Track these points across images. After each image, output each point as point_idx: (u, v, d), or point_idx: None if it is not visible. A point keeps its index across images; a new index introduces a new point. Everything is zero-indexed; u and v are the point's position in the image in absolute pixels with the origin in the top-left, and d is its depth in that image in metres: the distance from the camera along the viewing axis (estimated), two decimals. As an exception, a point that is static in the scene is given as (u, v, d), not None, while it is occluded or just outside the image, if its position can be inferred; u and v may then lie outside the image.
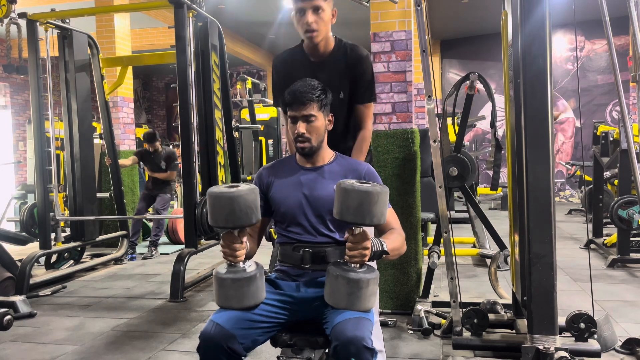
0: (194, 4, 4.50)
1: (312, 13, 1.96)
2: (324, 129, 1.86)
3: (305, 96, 1.80)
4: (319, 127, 1.83)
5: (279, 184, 1.90)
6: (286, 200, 1.86)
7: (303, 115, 1.80)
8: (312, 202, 1.83)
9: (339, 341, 1.52)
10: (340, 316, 1.58)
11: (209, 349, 1.62)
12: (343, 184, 1.54)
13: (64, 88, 5.13)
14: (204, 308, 3.79)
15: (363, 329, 1.54)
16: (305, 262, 1.82)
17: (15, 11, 4.30)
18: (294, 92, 1.81)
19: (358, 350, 1.49)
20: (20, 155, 10.23)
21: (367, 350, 1.50)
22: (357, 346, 1.49)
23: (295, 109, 1.81)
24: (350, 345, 1.49)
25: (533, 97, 2.11)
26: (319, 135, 1.84)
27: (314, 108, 1.81)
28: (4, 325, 2.76)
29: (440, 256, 3.38)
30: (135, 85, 13.43)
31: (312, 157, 1.89)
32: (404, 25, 3.51)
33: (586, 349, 2.20)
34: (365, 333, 1.53)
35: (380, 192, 1.52)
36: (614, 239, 5.03)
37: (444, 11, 9.38)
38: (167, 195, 6.07)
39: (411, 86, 3.55)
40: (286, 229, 1.89)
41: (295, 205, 1.85)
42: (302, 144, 1.83)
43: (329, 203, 1.71)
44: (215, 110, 4.92)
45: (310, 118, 1.81)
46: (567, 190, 10.92)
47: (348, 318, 1.56)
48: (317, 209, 1.83)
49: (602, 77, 10.58)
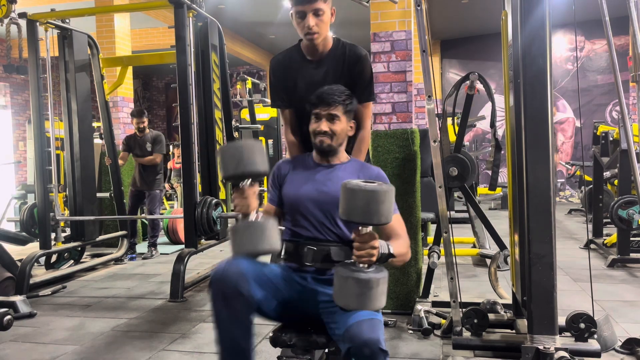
0: (194, 4, 4.50)
1: (313, 16, 1.96)
2: (345, 133, 1.92)
3: (332, 98, 1.86)
4: (341, 130, 1.89)
5: (294, 176, 1.95)
6: (298, 192, 1.90)
7: (328, 114, 1.86)
8: (323, 197, 1.87)
9: (353, 343, 1.52)
10: (353, 317, 1.58)
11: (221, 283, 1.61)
12: (349, 184, 1.54)
13: (64, 88, 5.13)
14: (204, 308, 3.79)
15: (377, 331, 1.55)
16: (308, 259, 1.83)
17: (15, 11, 4.30)
18: (322, 94, 1.87)
19: (373, 353, 1.50)
20: (20, 155, 10.23)
21: (381, 353, 1.51)
22: (372, 349, 1.50)
23: (321, 109, 1.87)
24: (365, 347, 1.50)
25: (533, 97, 2.11)
26: (339, 136, 1.89)
27: (339, 110, 1.87)
28: (4, 325, 2.76)
29: (440, 256, 3.38)
30: (135, 85, 13.43)
31: (328, 156, 1.94)
32: (404, 25, 3.51)
33: (586, 349, 2.20)
34: (380, 335, 1.55)
35: (387, 191, 1.52)
36: (614, 239, 5.03)
37: (444, 11, 9.38)
38: (155, 192, 5.82)
39: (411, 86, 3.55)
40: (293, 223, 1.91)
41: (306, 198, 1.88)
42: (323, 137, 1.87)
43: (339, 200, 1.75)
44: (215, 110, 4.92)
45: (334, 119, 1.86)
46: (567, 190, 10.92)
47: (362, 320, 1.57)
48: (326, 204, 1.86)
49: (602, 77, 10.58)
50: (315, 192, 1.88)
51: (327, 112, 1.86)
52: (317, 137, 1.89)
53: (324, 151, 1.91)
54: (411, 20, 3.53)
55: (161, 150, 5.81)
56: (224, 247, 5.82)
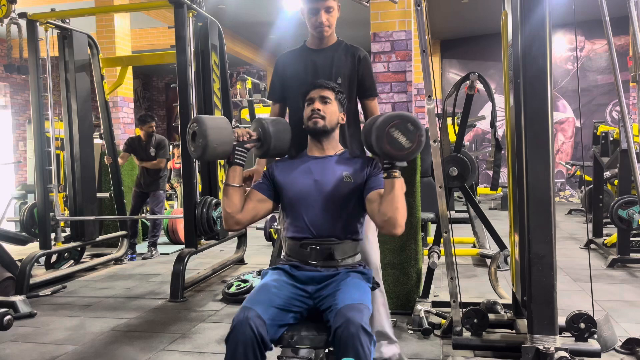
0: (194, 4, 4.50)
1: (325, 13, 2.21)
2: (337, 117, 2.00)
3: (325, 83, 2.00)
4: (333, 111, 1.97)
5: (289, 169, 2.00)
6: (295, 184, 1.94)
7: (320, 95, 1.97)
8: (321, 186, 1.91)
9: (339, 323, 1.58)
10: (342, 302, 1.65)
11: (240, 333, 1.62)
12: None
13: (64, 88, 5.13)
14: (204, 308, 3.79)
15: (363, 311, 1.62)
16: (312, 258, 1.87)
17: (15, 11, 4.30)
18: (315, 82, 2.02)
19: (357, 330, 1.55)
20: (20, 155, 10.23)
21: (365, 332, 1.56)
22: (356, 326, 1.55)
23: (314, 92, 1.99)
24: (350, 325, 1.56)
25: (533, 97, 2.11)
26: (331, 119, 1.97)
27: (330, 94, 1.98)
28: (4, 325, 2.76)
29: (440, 256, 3.38)
30: (135, 85, 13.43)
31: (322, 141, 1.99)
32: (404, 25, 3.52)
33: (586, 349, 2.20)
34: (365, 317, 1.61)
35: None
36: (614, 239, 5.03)
37: (444, 11, 9.38)
38: (159, 192, 5.86)
39: (411, 86, 3.55)
40: (294, 217, 1.94)
41: (304, 189, 1.93)
42: (316, 119, 1.95)
43: (337, 187, 1.88)
44: (215, 110, 4.92)
45: (326, 100, 1.97)
46: (567, 190, 10.92)
47: (350, 303, 1.63)
48: (325, 193, 1.91)
49: (602, 77, 10.58)
50: (314, 183, 1.93)
51: (319, 95, 1.97)
52: (310, 119, 1.96)
53: (318, 132, 1.97)
54: (411, 20, 3.53)
55: (164, 155, 5.86)
56: (224, 247, 5.83)
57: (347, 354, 1.54)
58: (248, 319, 1.61)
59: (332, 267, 1.88)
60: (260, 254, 5.70)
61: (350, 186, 1.91)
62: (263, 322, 1.63)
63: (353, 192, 1.91)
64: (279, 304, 1.72)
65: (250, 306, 1.66)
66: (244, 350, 1.60)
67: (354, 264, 1.93)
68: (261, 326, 1.62)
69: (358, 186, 1.91)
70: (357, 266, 1.93)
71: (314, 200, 1.90)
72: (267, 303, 1.70)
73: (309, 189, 1.92)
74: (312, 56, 2.31)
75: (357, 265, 1.93)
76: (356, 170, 1.94)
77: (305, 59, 2.32)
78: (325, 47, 2.31)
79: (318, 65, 2.29)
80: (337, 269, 1.88)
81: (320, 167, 1.96)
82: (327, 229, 1.89)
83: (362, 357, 1.54)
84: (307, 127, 1.98)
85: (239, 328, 1.61)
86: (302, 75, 2.30)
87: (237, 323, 1.63)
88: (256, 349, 1.61)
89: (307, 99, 2.00)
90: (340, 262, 1.89)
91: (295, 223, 1.93)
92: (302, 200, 1.92)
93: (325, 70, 2.28)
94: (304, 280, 1.85)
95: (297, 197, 1.93)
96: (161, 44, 9.56)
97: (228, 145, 1.83)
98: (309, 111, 1.97)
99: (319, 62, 2.29)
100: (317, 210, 1.90)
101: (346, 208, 1.91)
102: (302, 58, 2.34)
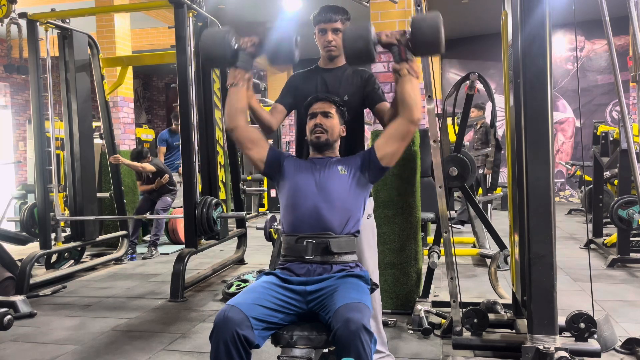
0: (194, 4, 4.50)
1: (332, 33, 2.37)
2: (338, 130, 2.11)
3: (327, 97, 2.14)
4: (334, 125, 2.08)
5: (295, 164, 2.07)
6: (296, 176, 2.02)
7: (322, 111, 2.08)
8: (319, 182, 1.97)
9: (339, 322, 1.58)
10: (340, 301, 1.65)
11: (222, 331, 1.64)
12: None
13: (64, 88, 5.13)
14: (204, 308, 3.79)
15: (363, 311, 1.62)
16: (308, 253, 1.88)
17: (15, 11, 4.30)
18: (317, 96, 2.15)
19: (357, 329, 1.56)
20: (20, 155, 10.23)
21: (365, 331, 1.56)
22: (357, 325, 1.56)
23: (316, 105, 2.11)
24: (350, 323, 1.56)
25: (533, 97, 2.11)
26: (333, 132, 2.08)
27: (332, 108, 2.10)
28: (4, 325, 2.76)
29: (440, 256, 3.38)
30: (135, 85, 13.43)
31: (324, 151, 2.09)
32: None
33: (586, 349, 2.20)
34: (365, 316, 1.61)
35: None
36: (614, 239, 5.03)
37: (444, 11, 9.27)
38: (168, 198, 6.02)
39: (411, 86, 3.54)
40: (291, 212, 1.97)
41: (304, 183, 1.99)
42: (319, 134, 2.05)
43: (334, 181, 1.96)
44: (215, 110, 4.92)
45: (328, 115, 2.07)
46: (567, 190, 10.92)
47: (349, 302, 1.63)
48: (323, 188, 1.96)
49: (602, 77, 10.58)
50: (314, 179, 1.98)
51: (321, 110, 2.07)
52: (313, 134, 2.06)
53: (321, 146, 2.06)
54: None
55: (161, 175, 5.92)
56: (224, 247, 5.83)
57: (348, 353, 1.54)
58: (227, 317, 1.64)
59: (328, 264, 1.88)
60: (260, 254, 5.69)
61: (345, 178, 1.98)
62: (246, 320, 1.64)
63: (349, 185, 1.98)
64: (266, 304, 1.73)
65: (233, 304, 1.69)
66: (225, 348, 1.62)
67: (350, 261, 1.93)
68: (244, 324, 1.63)
69: (353, 173, 2.00)
70: (354, 268, 1.93)
71: (312, 195, 1.95)
72: (252, 302, 1.71)
73: (308, 183, 1.98)
74: (323, 74, 2.45)
75: (354, 267, 1.94)
76: (349, 161, 2.05)
77: (317, 76, 2.45)
78: (334, 67, 2.45)
79: (328, 82, 2.41)
80: (332, 267, 1.88)
81: (322, 165, 2.04)
82: (323, 223, 1.91)
83: (362, 357, 1.54)
84: (311, 141, 2.08)
85: (220, 326, 1.64)
86: (313, 91, 2.40)
87: (217, 321, 1.65)
88: (239, 347, 1.62)
89: (309, 113, 2.11)
90: (337, 257, 1.89)
91: (292, 217, 1.96)
92: (299, 193, 1.97)
93: (334, 88, 2.39)
94: (297, 283, 1.85)
95: (295, 189, 1.99)
96: (161, 44, 9.56)
97: (225, 49, 2.07)
98: (311, 125, 2.07)
99: (329, 80, 2.41)
100: (314, 205, 1.93)
101: (343, 202, 1.95)
102: (314, 76, 2.47)
